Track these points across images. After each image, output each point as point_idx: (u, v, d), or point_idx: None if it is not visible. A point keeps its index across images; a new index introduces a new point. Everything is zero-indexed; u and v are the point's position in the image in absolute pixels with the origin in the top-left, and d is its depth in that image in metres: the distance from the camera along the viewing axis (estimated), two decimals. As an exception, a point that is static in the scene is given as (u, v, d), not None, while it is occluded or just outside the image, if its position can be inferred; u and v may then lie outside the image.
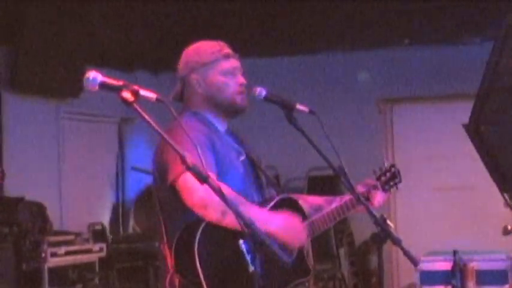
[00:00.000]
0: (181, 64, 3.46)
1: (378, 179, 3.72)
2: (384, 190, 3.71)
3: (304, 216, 3.47)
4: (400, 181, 3.78)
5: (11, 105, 7.21)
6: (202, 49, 3.44)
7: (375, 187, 3.67)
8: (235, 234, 2.99)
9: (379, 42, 8.69)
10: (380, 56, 8.98)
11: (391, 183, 3.75)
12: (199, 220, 3.14)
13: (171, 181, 3.19)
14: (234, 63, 3.44)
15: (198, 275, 3.07)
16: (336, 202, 3.57)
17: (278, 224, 3.22)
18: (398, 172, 3.78)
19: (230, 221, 2.96)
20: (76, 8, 7.20)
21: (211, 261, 3.10)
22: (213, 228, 3.12)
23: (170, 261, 3.17)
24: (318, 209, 3.56)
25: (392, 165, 3.80)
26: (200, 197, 3.06)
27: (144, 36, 8.11)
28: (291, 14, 7.63)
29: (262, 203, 3.41)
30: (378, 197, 3.65)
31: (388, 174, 3.74)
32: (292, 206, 3.48)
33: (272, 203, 3.41)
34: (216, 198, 2.69)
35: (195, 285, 3.08)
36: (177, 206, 3.22)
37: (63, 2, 7.11)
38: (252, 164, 3.52)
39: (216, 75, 3.41)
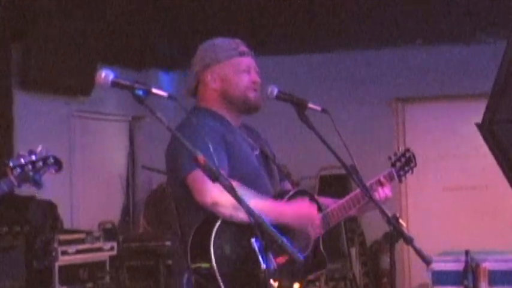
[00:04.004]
0: (196, 60, 3.47)
1: (393, 164, 3.71)
2: (399, 176, 3.70)
3: (319, 208, 3.48)
4: (415, 165, 3.78)
5: (23, 103, 7.22)
6: (218, 46, 3.45)
7: (390, 177, 3.66)
8: (248, 232, 2.99)
9: (392, 41, 8.66)
10: (393, 56, 8.96)
11: (406, 168, 3.75)
12: (213, 218, 3.14)
13: (183, 178, 3.21)
14: (249, 61, 3.45)
15: (214, 273, 3.06)
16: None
17: (293, 213, 3.28)
18: (414, 156, 3.78)
19: (243, 215, 2.96)
20: (88, 6, 7.20)
21: (226, 259, 3.11)
22: (228, 226, 3.13)
23: (186, 259, 3.17)
24: (325, 208, 3.56)
25: (407, 150, 3.80)
26: (210, 195, 3.08)
27: (157, 34, 8.11)
28: (304, 12, 7.62)
29: (278, 196, 3.42)
30: (383, 192, 3.63)
31: (403, 159, 3.74)
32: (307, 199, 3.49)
33: (287, 196, 3.42)
34: (226, 195, 2.69)
35: (211, 283, 3.07)
36: (191, 202, 3.23)
37: (75, 1, 7.12)
38: (266, 159, 3.53)
39: (230, 72, 3.42)
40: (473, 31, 8.29)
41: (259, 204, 3.03)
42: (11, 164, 3.54)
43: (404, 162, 3.76)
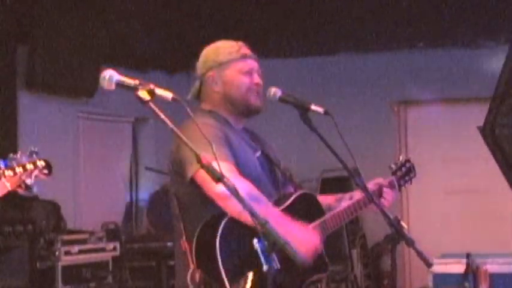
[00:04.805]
0: (199, 63, 3.50)
1: (394, 173, 3.74)
2: (400, 185, 3.73)
3: (321, 212, 3.49)
4: (415, 175, 3.82)
5: (27, 104, 7.24)
6: (220, 48, 3.47)
7: (391, 185, 3.68)
8: (253, 232, 3.00)
9: (394, 44, 8.68)
10: (394, 58, 8.97)
11: (407, 178, 3.78)
12: (219, 216, 3.15)
13: (192, 175, 3.20)
14: (251, 63, 3.46)
15: (219, 271, 3.08)
16: (346, 201, 3.59)
17: (295, 235, 3.17)
18: (413, 167, 3.81)
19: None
20: (92, 8, 7.23)
21: (231, 257, 3.11)
22: (233, 225, 3.14)
23: (190, 257, 3.18)
24: (327, 208, 3.58)
25: (408, 160, 3.84)
26: (224, 188, 3.05)
27: (160, 36, 8.13)
28: (305, 15, 7.64)
29: (281, 199, 3.43)
30: (390, 195, 3.65)
31: (403, 169, 3.78)
32: (310, 202, 3.50)
33: (291, 199, 3.42)
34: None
35: (216, 281, 3.09)
36: (196, 201, 3.24)
37: (80, 2, 7.15)
38: (268, 161, 3.54)
39: (232, 74, 3.43)
40: (475, 36, 8.30)
41: (266, 209, 3.02)
42: (1, 166, 3.49)
43: (405, 172, 3.80)
